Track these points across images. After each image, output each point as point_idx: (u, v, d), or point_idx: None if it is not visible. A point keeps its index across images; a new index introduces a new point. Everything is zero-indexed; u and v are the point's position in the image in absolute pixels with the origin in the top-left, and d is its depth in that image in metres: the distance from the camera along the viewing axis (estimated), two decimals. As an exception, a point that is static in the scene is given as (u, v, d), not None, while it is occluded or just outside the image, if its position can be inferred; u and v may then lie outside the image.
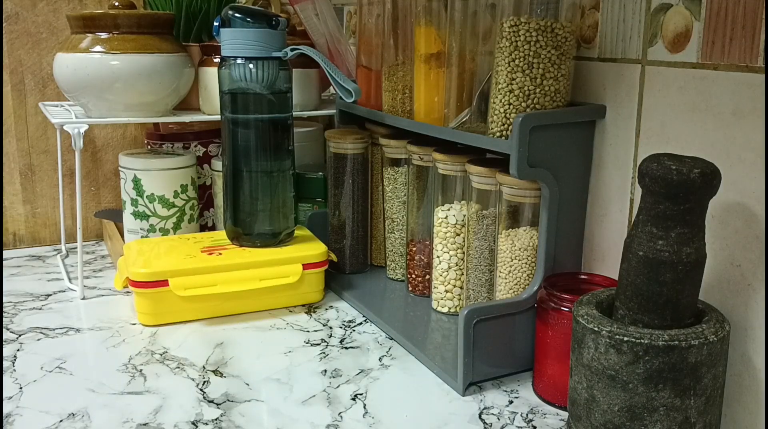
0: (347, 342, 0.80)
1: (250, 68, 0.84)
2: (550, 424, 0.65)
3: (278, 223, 0.91)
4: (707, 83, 0.60)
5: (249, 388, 0.70)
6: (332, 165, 0.97)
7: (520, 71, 0.67)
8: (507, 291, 0.73)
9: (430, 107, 0.81)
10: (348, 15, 1.23)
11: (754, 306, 0.58)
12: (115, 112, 0.94)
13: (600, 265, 0.73)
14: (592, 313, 0.55)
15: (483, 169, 0.74)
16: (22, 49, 1.09)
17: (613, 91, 0.70)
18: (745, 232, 0.58)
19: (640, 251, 0.53)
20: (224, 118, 0.88)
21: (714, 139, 0.60)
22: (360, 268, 1.00)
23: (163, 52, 0.93)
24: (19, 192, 1.13)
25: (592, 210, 0.74)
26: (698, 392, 0.52)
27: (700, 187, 0.51)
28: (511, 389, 0.70)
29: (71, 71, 0.91)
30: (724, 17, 0.58)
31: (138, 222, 1.00)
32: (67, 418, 0.64)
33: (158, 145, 1.10)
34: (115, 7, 0.95)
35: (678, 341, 0.51)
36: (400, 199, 0.93)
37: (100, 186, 1.18)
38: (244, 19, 0.83)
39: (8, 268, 1.04)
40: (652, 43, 0.65)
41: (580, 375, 0.55)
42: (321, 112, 1.07)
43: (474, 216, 0.77)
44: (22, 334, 0.81)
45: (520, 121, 0.65)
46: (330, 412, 0.66)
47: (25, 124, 1.11)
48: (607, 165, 0.71)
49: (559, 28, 0.66)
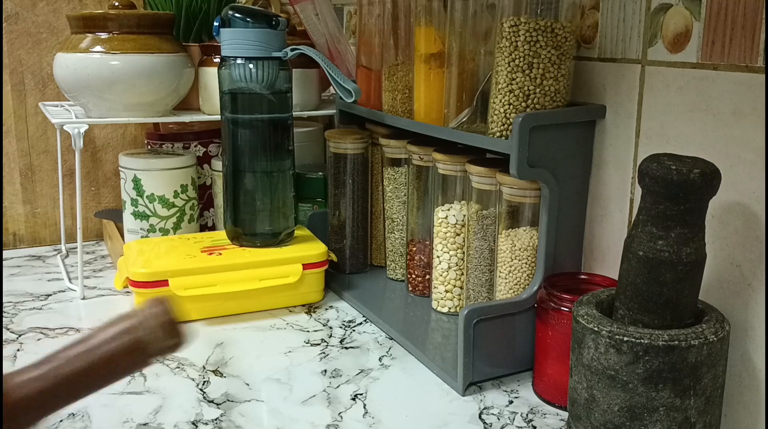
0: (347, 342, 0.80)
1: (250, 68, 0.84)
2: (550, 424, 0.65)
3: (278, 223, 0.91)
4: (707, 83, 0.60)
5: (249, 388, 0.70)
6: (332, 165, 0.97)
7: (520, 71, 0.67)
8: (507, 291, 0.73)
9: (430, 107, 0.81)
10: (348, 15, 1.23)
11: (754, 306, 0.58)
12: (115, 112, 0.94)
13: (600, 265, 0.73)
14: (592, 313, 0.55)
15: (483, 169, 0.74)
16: (22, 49, 1.09)
17: (613, 91, 0.70)
18: (745, 232, 0.58)
19: (640, 251, 0.53)
20: (224, 118, 0.88)
21: (714, 139, 0.60)
22: (360, 268, 1.00)
23: (163, 52, 0.93)
24: (19, 192, 1.13)
25: (592, 210, 0.74)
26: (698, 392, 0.52)
27: (700, 187, 0.51)
28: (511, 389, 0.70)
29: (71, 71, 0.91)
30: (724, 17, 0.58)
31: (138, 222, 1.00)
32: (67, 418, 0.64)
33: (158, 145, 1.10)
34: (115, 7, 0.95)
35: (678, 341, 0.51)
36: (400, 199, 0.93)
37: (100, 186, 1.18)
38: (244, 19, 0.83)
39: (8, 268, 1.04)
40: (652, 43, 0.65)
41: (580, 375, 0.55)
42: (321, 112, 1.07)
43: (474, 216, 0.77)
44: (22, 334, 0.81)
45: (520, 121, 0.65)
46: (330, 412, 0.66)
47: (25, 124, 1.11)
48: (607, 165, 0.71)
49: (559, 28, 0.66)
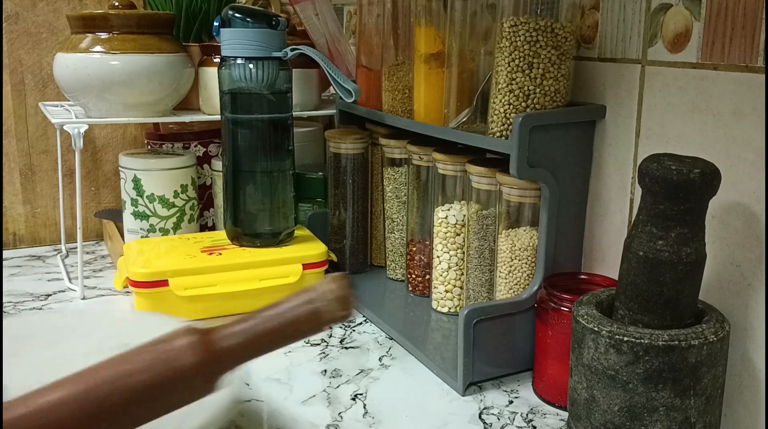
0: (347, 342, 0.80)
1: (250, 68, 0.84)
2: (550, 424, 0.65)
3: (278, 223, 0.91)
4: (707, 83, 0.60)
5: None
6: (332, 165, 0.97)
7: (520, 71, 0.67)
8: (507, 291, 0.73)
9: (430, 107, 0.81)
10: (348, 15, 1.23)
11: (754, 306, 0.58)
12: (115, 112, 0.94)
13: (600, 265, 0.73)
14: (592, 313, 0.55)
15: (483, 169, 0.74)
16: (22, 49, 1.09)
17: (613, 91, 0.70)
18: (745, 232, 0.58)
19: (640, 251, 0.53)
20: (224, 118, 0.88)
21: (714, 139, 0.60)
22: (360, 268, 1.00)
23: (163, 52, 0.93)
24: (19, 192, 1.13)
25: (592, 210, 0.74)
26: (698, 392, 0.52)
27: (700, 187, 0.51)
28: (511, 389, 0.70)
29: (71, 71, 0.91)
30: (724, 17, 0.58)
31: (138, 222, 1.00)
32: (67, 418, 0.64)
33: (158, 145, 1.10)
34: (115, 7, 0.95)
35: (678, 341, 0.51)
36: (400, 199, 0.93)
37: (100, 186, 1.18)
38: (244, 19, 0.83)
39: (8, 268, 1.04)
40: (652, 43, 0.65)
41: (580, 375, 0.55)
42: (321, 112, 1.07)
43: (474, 216, 0.77)
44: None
45: (520, 121, 0.65)
46: (330, 412, 0.66)
47: (25, 124, 1.11)
48: (607, 165, 0.71)
49: (558, 28, 0.66)
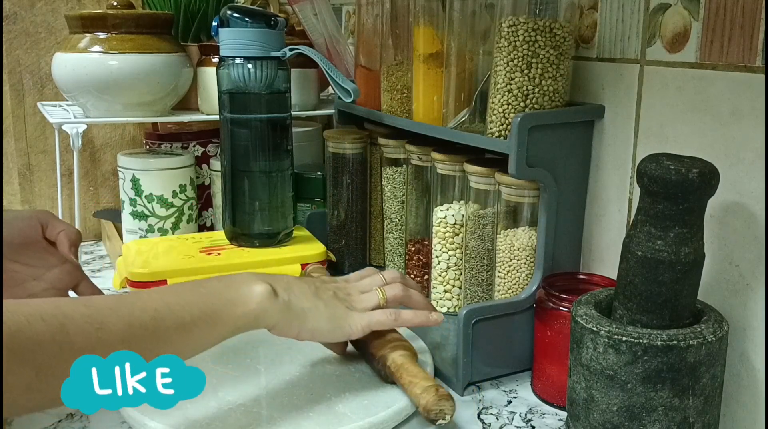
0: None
1: (248, 68, 0.84)
2: (549, 424, 0.65)
3: (277, 223, 0.91)
4: (706, 83, 0.60)
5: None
6: (331, 165, 0.97)
7: (518, 71, 0.67)
8: (506, 291, 0.73)
9: (428, 107, 0.81)
10: (347, 15, 1.23)
11: (752, 306, 0.58)
12: (113, 112, 0.94)
13: (599, 265, 0.73)
14: (590, 313, 0.55)
15: (481, 169, 0.74)
16: (21, 49, 1.09)
17: (612, 91, 0.70)
18: (744, 232, 0.58)
19: (639, 251, 0.53)
20: (223, 118, 0.88)
21: (713, 139, 0.60)
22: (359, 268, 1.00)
23: (162, 52, 0.93)
24: (17, 192, 1.13)
25: (590, 210, 0.74)
26: (697, 392, 0.52)
27: (699, 187, 0.51)
28: (510, 389, 0.70)
29: (70, 71, 0.91)
30: (723, 17, 0.58)
31: (136, 222, 1.00)
32: (65, 418, 0.64)
33: (157, 145, 1.10)
34: (114, 7, 0.95)
35: (677, 341, 0.51)
36: (398, 198, 0.93)
37: (99, 186, 1.18)
38: (243, 19, 0.83)
39: (7, 268, 1.04)
40: (651, 43, 0.65)
41: (578, 375, 0.55)
42: (320, 112, 1.07)
43: (472, 216, 0.77)
44: (21, 335, 0.81)
45: (519, 121, 0.65)
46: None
47: (23, 124, 1.11)
48: (606, 165, 0.71)
49: (557, 28, 0.66)
